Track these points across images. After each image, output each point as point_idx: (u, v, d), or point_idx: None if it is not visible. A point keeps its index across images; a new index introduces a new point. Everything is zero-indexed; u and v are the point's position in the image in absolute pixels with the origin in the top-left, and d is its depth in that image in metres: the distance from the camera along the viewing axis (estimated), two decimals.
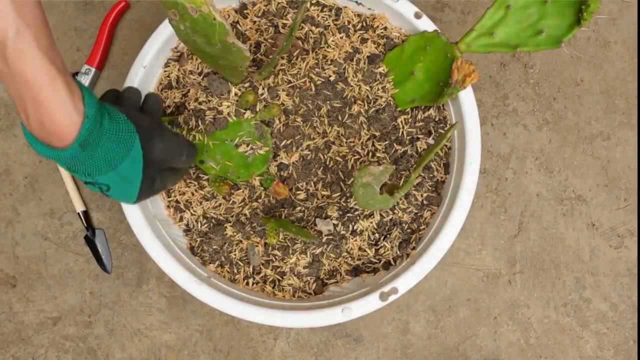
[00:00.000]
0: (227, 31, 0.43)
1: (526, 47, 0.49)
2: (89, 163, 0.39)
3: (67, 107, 0.36)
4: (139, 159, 0.42)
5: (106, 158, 0.39)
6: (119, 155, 0.40)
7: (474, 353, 0.65)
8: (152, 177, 0.45)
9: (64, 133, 0.36)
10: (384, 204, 0.49)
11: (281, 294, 0.57)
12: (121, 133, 0.40)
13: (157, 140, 0.44)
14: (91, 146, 0.38)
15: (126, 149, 0.40)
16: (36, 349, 0.65)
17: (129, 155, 0.41)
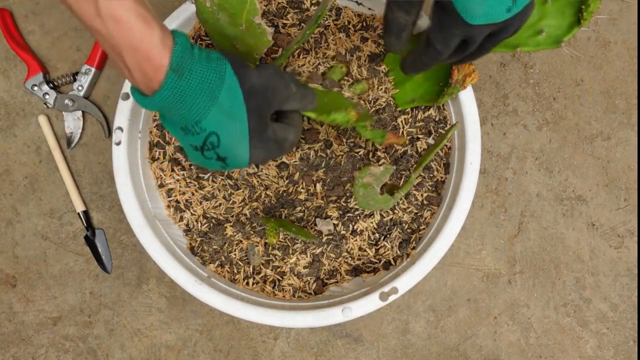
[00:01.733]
0: (257, 10, 0.43)
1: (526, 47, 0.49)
2: (188, 96, 0.37)
3: (160, 42, 0.36)
4: (236, 86, 0.39)
5: (203, 87, 0.37)
6: (215, 81, 0.38)
7: (474, 353, 0.65)
8: (260, 113, 0.40)
9: (160, 67, 0.36)
10: (385, 204, 0.49)
11: (281, 294, 0.57)
12: (211, 59, 0.38)
13: (250, 67, 0.41)
14: (185, 73, 0.37)
15: (220, 75, 0.38)
16: (36, 349, 0.65)
17: (224, 82, 0.38)
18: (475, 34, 0.43)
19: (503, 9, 0.40)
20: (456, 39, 0.43)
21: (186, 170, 0.58)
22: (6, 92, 0.68)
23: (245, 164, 0.42)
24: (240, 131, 0.40)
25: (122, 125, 0.56)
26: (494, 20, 0.41)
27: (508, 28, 0.43)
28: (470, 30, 0.42)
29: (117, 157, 0.55)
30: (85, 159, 0.67)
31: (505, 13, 0.40)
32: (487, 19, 0.40)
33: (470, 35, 0.43)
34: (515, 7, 0.40)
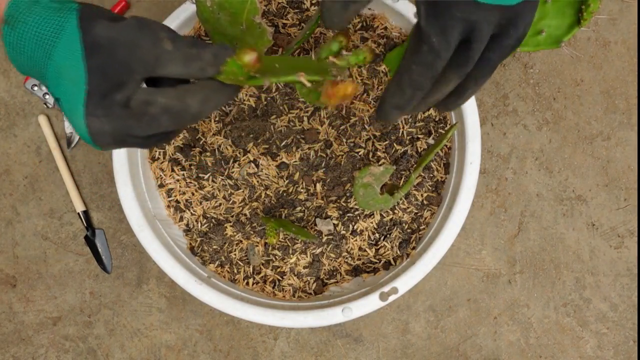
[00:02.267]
0: (257, 9, 0.43)
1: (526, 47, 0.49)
2: (24, 51, 0.32)
3: None
4: (76, 40, 0.31)
5: (36, 38, 0.31)
6: (49, 34, 0.31)
7: (474, 353, 0.65)
8: (106, 74, 0.32)
9: None
10: (385, 204, 0.49)
11: (281, 294, 0.57)
12: (53, 8, 0.32)
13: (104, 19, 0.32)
14: (18, 24, 0.31)
15: (58, 26, 0.31)
16: (36, 349, 0.65)
17: (61, 35, 0.31)
18: (481, 22, 0.33)
19: None
20: (457, 27, 0.33)
21: (186, 170, 0.58)
22: (6, 92, 0.68)
23: (86, 138, 0.33)
24: (76, 94, 0.32)
25: None
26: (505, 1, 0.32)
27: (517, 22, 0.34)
28: (475, 14, 0.32)
29: (117, 157, 0.55)
30: (85, 159, 0.67)
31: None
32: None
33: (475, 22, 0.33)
34: None
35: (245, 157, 0.57)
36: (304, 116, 0.57)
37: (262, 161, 0.57)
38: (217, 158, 0.57)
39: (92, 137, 0.32)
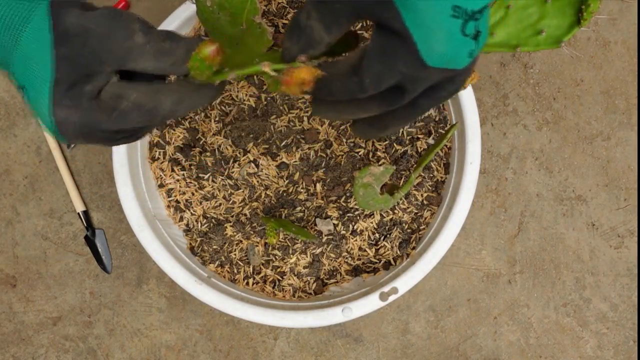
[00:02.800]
0: (257, 9, 0.43)
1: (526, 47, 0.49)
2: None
3: None
4: (45, 27, 0.30)
5: (4, 24, 0.30)
6: (18, 18, 0.30)
7: (474, 353, 0.65)
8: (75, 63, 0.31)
9: None
10: (385, 204, 0.49)
11: (281, 294, 0.57)
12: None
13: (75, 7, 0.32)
14: None
15: (27, 13, 0.30)
16: (36, 349, 0.65)
17: (29, 21, 0.30)
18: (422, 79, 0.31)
19: (466, 52, 0.31)
20: (395, 78, 0.31)
21: (186, 170, 0.58)
22: (6, 92, 0.68)
23: (50, 127, 0.31)
24: (42, 82, 0.31)
25: None
26: (454, 64, 0.31)
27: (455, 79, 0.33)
28: (419, 72, 0.31)
29: (117, 157, 0.55)
30: (85, 159, 0.67)
31: (466, 58, 0.31)
32: (448, 61, 0.30)
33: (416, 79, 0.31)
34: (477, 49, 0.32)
35: (245, 157, 0.57)
36: (304, 116, 0.57)
37: (262, 161, 0.57)
38: (217, 158, 0.57)
39: (58, 126, 0.31)
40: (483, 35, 0.31)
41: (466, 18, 0.29)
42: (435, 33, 0.29)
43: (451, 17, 0.29)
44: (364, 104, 0.34)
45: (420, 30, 0.29)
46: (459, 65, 0.31)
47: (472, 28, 0.30)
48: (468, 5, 0.29)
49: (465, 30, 0.30)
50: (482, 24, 0.31)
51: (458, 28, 0.29)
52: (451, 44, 0.30)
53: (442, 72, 0.31)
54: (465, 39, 0.30)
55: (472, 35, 0.30)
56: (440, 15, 0.29)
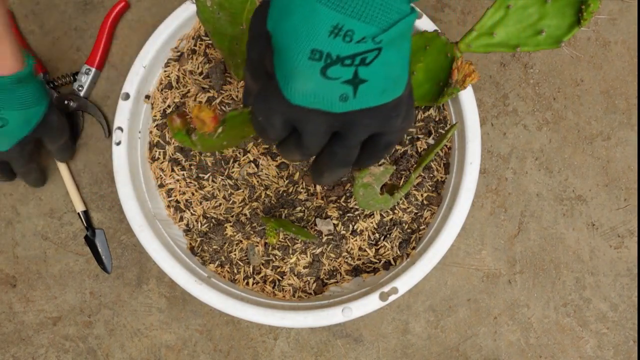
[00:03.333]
0: None
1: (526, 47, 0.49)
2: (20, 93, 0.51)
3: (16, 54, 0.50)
4: (40, 113, 0.54)
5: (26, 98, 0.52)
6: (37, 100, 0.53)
7: (474, 353, 0.65)
8: (36, 134, 0.55)
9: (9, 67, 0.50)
10: (385, 204, 0.49)
11: (281, 294, 0.57)
12: (42, 89, 0.54)
13: (59, 117, 0.57)
14: (23, 83, 0.51)
15: (41, 100, 0.54)
16: (36, 349, 0.65)
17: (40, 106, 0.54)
18: (301, 119, 0.33)
19: (335, 95, 0.31)
20: (276, 115, 0.33)
21: (186, 170, 0.58)
22: None
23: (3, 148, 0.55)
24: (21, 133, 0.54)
25: (122, 125, 0.56)
26: (323, 106, 0.32)
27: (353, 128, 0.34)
28: (291, 111, 0.32)
29: (117, 157, 0.55)
30: (85, 159, 0.67)
31: (339, 101, 0.31)
32: (312, 102, 0.31)
33: (295, 119, 0.33)
34: (354, 100, 0.31)
35: (245, 157, 0.57)
36: None
37: (262, 161, 0.57)
38: (217, 158, 0.57)
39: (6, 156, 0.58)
40: (374, 84, 0.31)
41: (330, 62, 0.29)
42: (292, 73, 0.30)
43: (308, 59, 0.29)
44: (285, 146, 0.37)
45: (280, 70, 0.31)
46: (332, 108, 0.31)
47: (342, 73, 0.30)
48: (331, 50, 0.29)
49: (328, 74, 0.30)
50: (367, 73, 0.30)
51: (317, 70, 0.30)
52: (309, 85, 0.30)
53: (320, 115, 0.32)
54: (330, 82, 0.30)
55: (343, 79, 0.30)
56: (297, 57, 0.30)
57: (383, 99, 0.32)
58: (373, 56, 0.30)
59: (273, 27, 0.31)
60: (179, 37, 0.59)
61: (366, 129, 0.34)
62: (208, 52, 0.59)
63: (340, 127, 0.34)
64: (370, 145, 0.36)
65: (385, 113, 0.33)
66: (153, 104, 0.59)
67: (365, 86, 0.31)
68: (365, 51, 0.29)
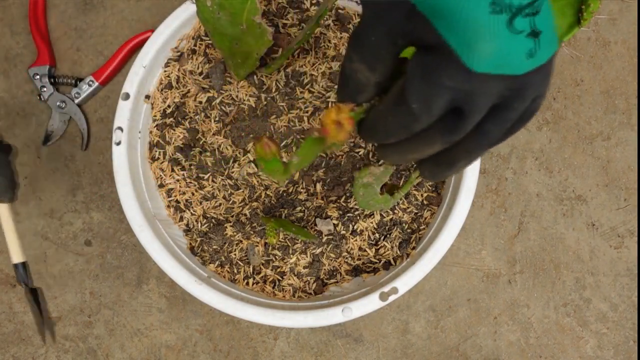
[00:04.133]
0: (257, 9, 0.43)
1: None
2: None
3: None
4: None
5: None
6: None
7: (474, 353, 0.65)
8: None
9: None
10: (385, 204, 0.49)
11: (281, 294, 0.57)
12: None
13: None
14: None
15: None
16: (36, 349, 0.65)
17: None
18: (476, 93, 0.27)
19: (522, 52, 0.26)
20: (443, 96, 0.28)
21: (186, 170, 0.58)
22: (6, 92, 0.68)
23: None
24: None
25: (122, 125, 0.56)
26: (509, 70, 0.27)
27: (524, 94, 0.28)
28: (469, 83, 0.27)
29: (117, 157, 0.55)
30: (86, 159, 0.67)
31: (525, 59, 0.26)
32: (499, 65, 0.26)
33: (469, 92, 0.27)
34: (540, 51, 0.27)
35: (245, 157, 0.57)
36: (304, 116, 0.57)
37: None
38: (217, 158, 0.57)
39: None
40: (547, 35, 0.27)
41: (512, 12, 0.25)
42: (474, 34, 0.26)
43: (490, 14, 0.25)
44: (425, 137, 0.30)
45: (456, 35, 0.26)
46: (518, 69, 0.27)
47: (525, 25, 0.26)
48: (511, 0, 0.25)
49: (515, 27, 0.26)
50: (540, 22, 0.26)
51: (503, 24, 0.25)
52: (496, 43, 0.26)
53: (499, 82, 0.27)
54: (517, 36, 0.26)
55: (526, 32, 0.26)
56: (476, 14, 0.25)
57: (553, 49, 0.27)
58: (540, 3, 0.26)
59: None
60: (179, 37, 0.59)
61: (535, 91, 0.28)
62: (208, 52, 0.59)
63: (510, 95, 0.28)
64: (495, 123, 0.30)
65: (550, 69, 0.28)
66: (153, 104, 0.59)
67: (543, 38, 0.26)
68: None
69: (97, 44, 0.68)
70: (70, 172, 0.67)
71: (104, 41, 0.68)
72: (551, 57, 0.27)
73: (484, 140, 0.30)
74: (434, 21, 0.26)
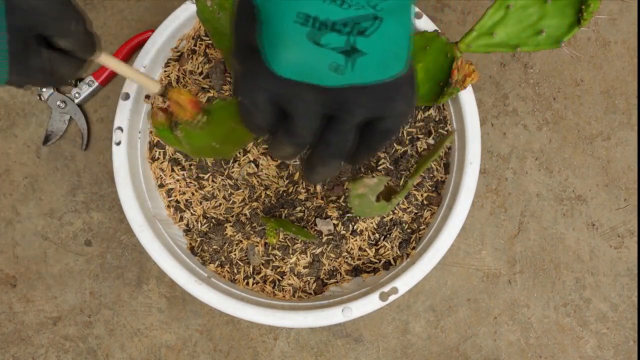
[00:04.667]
0: None
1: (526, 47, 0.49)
2: None
3: None
4: None
5: None
6: None
7: (474, 353, 0.65)
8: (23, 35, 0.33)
9: None
10: (381, 210, 0.48)
11: (281, 294, 0.57)
12: None
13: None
14: None
15: None
16: (36, 349, 0.65)
17: None
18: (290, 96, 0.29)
19: (325, 64, 0.28)
20: (263, 94, 0.30)
21: (186, 170, 0.58)
22: (6, 92, 0.68)
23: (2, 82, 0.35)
24: None
25: (122, 125, 0.56)
26: (312, 79, 0.28)
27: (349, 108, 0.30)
28: (280, 87, 0.29)
29: (117, 157, 0.55)
30: (85, 159, 0.67)
31: (329, 72, 0.28)
32: (301, 72, 0.28)
33: (283, 96, 0.30)
34: (351, 73, 0.28)
35: (245, 157, 0.57)
36: None
37: (262, 161, 0.57)
38: (217, 158, 0.57)
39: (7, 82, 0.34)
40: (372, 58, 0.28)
41: (318, 27, 0.27)
42: (277, 40, 0.27)
43: (294, 24, 0.27)
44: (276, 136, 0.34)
45: (267, 39, 0.28)
46: (322, 80, 0.28)
47: (337, 40, 0.27)
48: (319, 14, 0.26)
49: (320, 41, 0.27)
50: (366, 44, 0.27)
51: (304, 36, 0.27)
52: (295, 51, 0.27)
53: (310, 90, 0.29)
54: (321, 49, 0.27)
55: (337, 48, 0.27)
56: (282, 22, 0.27)
57: (383, 74, 0.29)
58: (374, 27, 0.27)
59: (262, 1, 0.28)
60: (179, 37, 0.59)
61: (363, 109, 0.30)
62: (208, 52, 0.59)
63: (335, 108, 0.30)
64: (367, 132, 0.33)
65: (386, 92, 0.30)
66: (153, 104, 0.59)
67: (364, 59, 0.28)
68: (362, 16, 0.27)
69: None
70: (70, 172, 0.67)
71: (104, 41, 0.68)
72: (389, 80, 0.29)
73: (329, 150, 0.33)
74: (258, 25, 0.28)
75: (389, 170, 0.57)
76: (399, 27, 0.28)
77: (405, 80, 0.31)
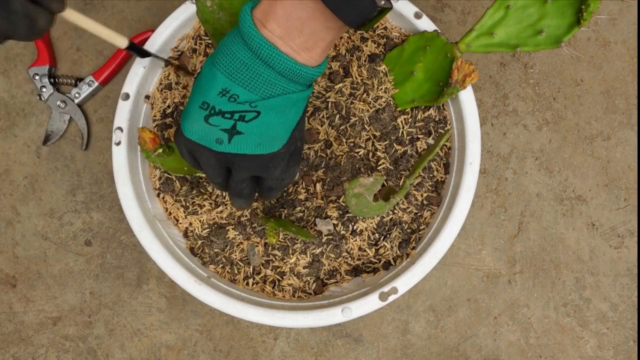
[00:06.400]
0: None
1: (526, 47, 0.49)
2: None
3: None
4: None
5: None
6: None
7: (474, 353, 0.65)
8: None
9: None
10: (379, 210, 0.48)
11: (281, 294, 0.57)
12: None
13: None
14: None
15: None
16: (36, 349, 0.65)
17: None
18: (197, 150, 0.42)
19: (212, 137, 0.40)
20: (183, 146, 0.43)
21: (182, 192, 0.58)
22: (6, 92, 0.68)
23: None
24: None
25: (122, 125, 0.56)
26: (207, 144, 0.40)
27: (236, 166, 0.42)
28: (190, 144, 0.41)
29: (117, 157, 0.55)
30: (86, 159, 0.67)
31: (215, 143, 0.40)
32: (197, 137, 0.40)
33: (193, 149, 0.42)
34: (228, 145, 0.40)
35: None
36: None
37: None
38: None
39: None
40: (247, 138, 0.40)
41: (212, 112, 0.39)
42: (185, 115, 0.41)
43: (198, 107, 0.40)
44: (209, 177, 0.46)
45: (183, 113, 0.41)
46: (212, 146, 0.40)
47: (222, 123, 0.39)
48: (216, 104, 0.39)
49: (210, 121, 0.39)
50: (246, 127, 0.39)
51: (201, 116, 0.40)
52: (194, 125, 0.40)
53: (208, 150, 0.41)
54: (210, 127, 0.39)
55: (220, 127, 0.39)
56: (192, 104, 0.40)
57: (258, 150, 0.41)
58: (252, 116, 0.39)
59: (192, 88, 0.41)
60: (179, 37, 0.59)
61: (245, 170, 0.43)
62: (208, 52, 0.59)
63: (229, 164, 0.43)
64: (259, 184, 0.46)
65: (262, 162, 0.42)
66: (153, 104, 0.59)
67: (240, 137, 0.40)
68: (243, 110, 0.39)
69: (97, 44, 0.68)
70: (70, 172, 0.67)
71: (104, 41, 0.68)
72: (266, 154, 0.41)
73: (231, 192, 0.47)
74: None
75: (388, 170, 0.57)
76: (277, 118, 0.40)
77: (281, 155, 0.42)
